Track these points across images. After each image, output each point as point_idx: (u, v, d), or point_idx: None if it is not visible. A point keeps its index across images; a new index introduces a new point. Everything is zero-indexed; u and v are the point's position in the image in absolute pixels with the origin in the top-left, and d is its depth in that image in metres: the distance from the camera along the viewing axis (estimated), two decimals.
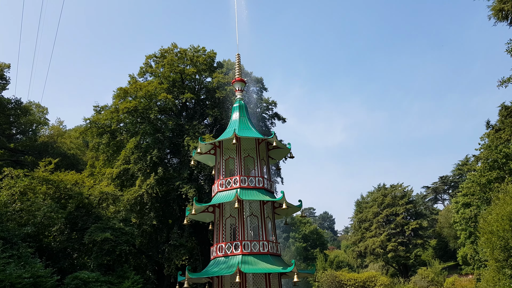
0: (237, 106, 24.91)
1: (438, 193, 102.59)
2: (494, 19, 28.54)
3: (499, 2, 28.03)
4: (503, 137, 44.03)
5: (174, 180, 41.01)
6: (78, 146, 64.83)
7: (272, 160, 26.11)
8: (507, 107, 46.41)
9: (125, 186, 43.92)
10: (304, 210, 28.65)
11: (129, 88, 44.08)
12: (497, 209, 26.76)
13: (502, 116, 47.02)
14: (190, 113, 49.07)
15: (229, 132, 23.29)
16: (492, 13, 28.37)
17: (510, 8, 27.59)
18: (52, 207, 32.68)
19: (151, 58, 49.30)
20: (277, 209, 23.38)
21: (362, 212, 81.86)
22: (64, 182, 36.46)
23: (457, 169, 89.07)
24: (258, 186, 22.03)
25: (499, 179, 37.58)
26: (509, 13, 27.93)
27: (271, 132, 31.50)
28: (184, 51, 47.70)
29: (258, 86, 52.29)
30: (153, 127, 43.38)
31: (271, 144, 23.10)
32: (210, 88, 47.69)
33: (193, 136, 41.07)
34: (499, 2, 28.03)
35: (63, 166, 47.53)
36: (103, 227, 34.15)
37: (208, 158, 25.28)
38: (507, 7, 27.59)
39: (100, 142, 45.84)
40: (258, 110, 50.22)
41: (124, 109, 42.11)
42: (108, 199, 40.03)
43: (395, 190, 78.48)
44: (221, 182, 22.51)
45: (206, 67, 48.02)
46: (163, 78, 47.14)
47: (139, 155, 41.78)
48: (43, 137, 59.89)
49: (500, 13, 28.07)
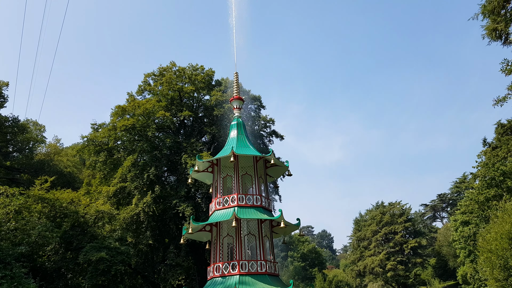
0: (235, 124, 24.92)
1: (437, 211, 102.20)
2: (488, 38, 28.85)
3: (492, 22, 28.40)
4: (500, 154, 44.15)
5: (171, 198, 40.70)
6: (75, 164, 64.56)
7: (270, 178, 26.01)
8: (503, 125, 46.70)
9: (121, 204, 43.55)
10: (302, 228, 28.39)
11: (127, 106, 44.15)
12: (495, 227, 26.62)
13: (498, 133, 47.29)
14: (188, 130, 49.08)
15: (227, 149, 23.23)
16: (486, 33, 28.70)
17: (503, 28, 27.95)
18: (47, 226, 32.26)
19: (150, 76, 49.56)
20: (275, 227, 23.16)
21: (361, 231, 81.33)
22: (59, 200, 36.11)
23: (455, 187, 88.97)
24: (256, 205, 21.86)
25: (497, 197, 37.49)
26: (502, 33, 28.28)
27: (269, 149, 31.49)
28: (182, 69, 48.01)
29: (256, 104, 52.50)
30: (151, 145, 43.29)
31: (269, 162, 23.04)
32: (208, 106, 47.83)
33: (191, 153, 40.97)
34: (492, 22, 28.40)
35: (59, 184, 47.21)
36: (99, 246, 33.69)
37: (206, 176, 25.15)
38: (500, 27, 27.95)
39: (97, 160, 45.63)
40: (256, 128, 50.29)
41: (121, 126, 42.08)
42: (104, 218, 39.64)
43: (393, 208, 78.19)
44: (218, 200, 22.34)
45: (204, 85, 48.26)
46: (162, 96, 47.29)
47: (136, 173, 41.56)
48: (39, 155, 59.67)
49: (494, 32, 28.41)
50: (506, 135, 46.50)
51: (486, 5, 28.03)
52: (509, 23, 27.41)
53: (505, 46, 28.44)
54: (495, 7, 27.36)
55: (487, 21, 28.71)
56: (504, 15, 27.64)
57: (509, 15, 27.48)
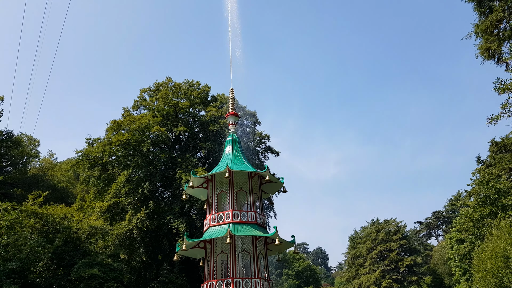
0: (230, 140, 24.88)
1: (432, 228, 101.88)
2: (482, 57, 29.19)
3: (485, 42, 28.78)
4: (494, 172, 44.29)
5: (165, 214, 40.39)
6: (69, 179, 64.11)
7: (265, 194, 25.86)
8: (497, 142, 46.98)
9: (115, 220, 43.14)
10: (297, 245, 28.22)
11: (122, 121, 44.12)
12: (490, 245, 26.55)
13: (492, 151, 47.51)
14: (183, 146, 49.00)
15: (222, 165, 23.14)
16: (480, 52, 29.05)
17: (496, 47, 28.34)
18: (39, 242, 31.85)
19: (146, 91, 49.68)
20: (269, 244, 22.94)
21: (356, 248, 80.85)
22: (52, 215, 35.75)
23: (450, 204, 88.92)
24: (251, 221, 21.69)
25: (491, 214, 37.50)
26: (495, 52, 28.64)
27: (264, 165, 31.41)
28: (178, 85, 48.19)
29: (251, 120, 52.66)
30: (145, 160, 43.12)
31: (264, 178, 22.92)
32: (203, 122, 47.89)
33: (186, 169, 40.83)
34: (485, 42, 28.78)
35: (52, 199, 46.78)
36: (91, 262, 33.24)
37: (200, 192, 24.98)
38: (493, 46, 28.33)
39: (91, 175, 45.34)
40: (251, 144, 50.34)
41: (116, 141, 41.96)
42: (97, 234, 39.18)
43: (388, 225, 77.95)
44: (213, 216, 22.15)
45: (200, 101, 48.39)
46: (157, 111, 47.33)
47: (130, 188, 41.29)
48: (33, 170, 59.24)
49: (487, 52, 28.77)
50: (500, 153, 46.73)
51: (479, 24, 28.46)
52: (502, 43, 27.80)
53: (498, 65, 28.78)
54: (488, 27, 27.78)
55: (480, 40, 29.10)
56: (497, 34, 28.05)
57: (501, 35, 27.89)
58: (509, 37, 26.78)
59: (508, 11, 26.66)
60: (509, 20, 26.87)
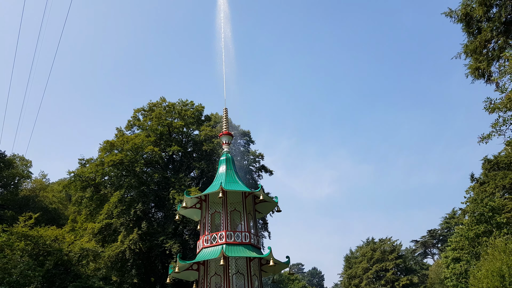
0: (224, 159, 24.80)
1: (427, 247, 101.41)
2: (472, 77, 29.57)
3: (475, 61, 29.19)
4: (488, 190, 44.44)
5: (158, 235, 39.88)
6: (61, 200, 63.41)
7: (259, 214, 25.65)
8: (489, 160, 47.28)
9: (107, 241, 42.50)
10: (292, 266, 27.90)
11: (115, 141, 43.95)
12: (486, 264, 26.41)
13: (485, 169, 47.79)
14: (176, 165, 48.79)
15: (215, 185, 22.99)
16: (469, 71, 29.42)
17: (485, 67, 28.75)
18: (30, 265, 31.26)
19: (140, 111, 49.68)
20: (264, 266, 22.63)
21: (352, 268, 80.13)
22: (43, 237, 35.19)
23: (445, 222, 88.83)
24: (245, 242, 21.43)
25: (487, 232, 37.46)
26: (485, 71, 29.04)
27: (258, 185, 31.30)
28: (172, 105, 48.28)
29: (245, 139, 52.72)
30: (138, 180, 42.81)
31: (258, 197, 22.77)
32: (197, 141, 47.84)
33: (179, 189, 40.53)
34: (475, 61, 29.19)
35: (43, 221, 46.15)
36: (82, 286, 32.58)
37: (194, 213, 24.74)
38: (482, 66, 28.73)
39: (83, 196, 44.87)
40: (245, 163, 50.23)
41: (109, 162, 41.70)
42: (88, 256, 38.52)
43: (384, 244, 77.53)
44: (206, 237, 21.88)
45: (194, 120, 48.45)
46: (151, 131, 47.25)
47: (123, 209, 40.82)
48: (25, 191, 58.59)
49: (477, 71, 29.15)
50: (493, 170, 47.00)
51: (468, 44, 28.90)
52: (491, 62, 28.20)
53: (488, 84, 29.14)
54: (477, 47, 28.22)
55: (469, 60, 29.52)
56: (486, 54, 28.48)
57: (490, 54, 28.33)
58: (497, 56, 27.19)
59: (496, 31, 27.16)
60: (498, 40, 27.35)
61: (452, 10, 28.29)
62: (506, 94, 19.09)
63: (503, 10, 25.90)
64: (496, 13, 26.56)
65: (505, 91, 19.31)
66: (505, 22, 26.66)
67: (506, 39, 26.75)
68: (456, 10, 28.12)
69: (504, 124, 19.95)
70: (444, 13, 28.59)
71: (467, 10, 27.34)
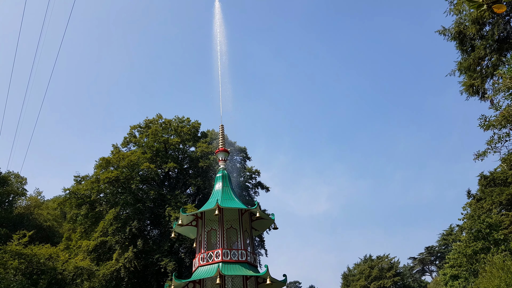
0: (220, 176, 24.72)
1: (425, 264, 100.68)
2: (466, 94, 29.81)
3: (469, 78, 29.46)
4: (484, 206, 44.40)
5: (154, 253, 39.43)
6: (55, 217, 62.76)
7: (255, 231, 25.47)
8: (486, 176, 47.36)
9: (101, 260, 41.95)
10: (289, 284, 27.57)
11: (111, 158, 43.79)
12: (484, 282, 26.24)
13: (482, 185, 47.83)
14: (172, 182, 48.54)
15: (211, 202, 22.84)
16: (464, 89, 29.69)
17: (480, 84, 29.01)
18: (23, 284, 30.81)
19: (136, 128, 49.62)
20: (261, 284, 22.34)
21: (349, 286, 79.28)
22: (37, 256, 34.75)
23: (443, 239, 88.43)
24: (241, 260, 21.21)
25: (484, 249, 37.28)
26: (479, 89, 29.30)
27: (254, 202, 31.15)
28: (168, 121, 48.30)
29: (241, 155, 52.64)
30: (134, 197, 42.52)
31: (254, 214, 22.64)
32: (193, 158, 47.71)
33: (175, 206, 40.24)
34: (469, 78, 29.46)
35: (38, 238, 45.59)
36: None
37: (190, 230, 24.52)
38: (476, 83, 29.01)
39: (78, 213, 44.48)
40: (241, 179, 50.04)
41: (105, 179, 41.45)
42: (83, 275, 37.96)
43: (381, 261, 76.92)
44: (202, 255, 21.64)
45: (190, 137, 48.41)
46: (147, 147, 47.13)
47: (118, 226, 40.43)
48: (19, 208, 58.02)
49: (471, 88, 29.41)
50: (489, 186, 47.05)
51: (462, 62, 29.22)
52: (485, 79, 28.47)
53: (483, 101, 29.36)
54: (471, 64, 28.52)
55: (463, 77, 29.79)
56: (480, 71, 28.78)
57: (484, 72, 28.61)
58: (491, 74, 27.47)
59: (490, 49, 27.50)
60: (491, 57, 27.67)
61: (446, 28, 28.67)
62: (501, 112, 19.20)
63: (496, 28, 26.27)
64: (489, 31, 26.94)
65: (499, 109, 19.41)
66: (498, 39, 27.02)
67: (499, 56, 27.06)
68: (449, 28, 28.50)
69: (500, 141, 20.01)
70: (438, 31, 28.96)
71: (460, 28, 27.71)
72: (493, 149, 20.39)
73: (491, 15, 24.80)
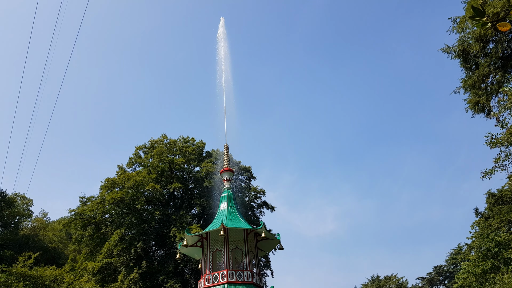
0: (225, 196, 24.60)
1: (434, 284, 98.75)
2: (471, 111, 29.76)
3: (474, 96, 29.44)
4: (493, 224, 43.74)
5: (159, 274, 39.04)
6: (61, 238, 62.58)
7: (261, 252, 25.18)
8: (493, 194, 46.80)
9: (106, 281, 41.54)
10: None
11: (117, 179, 43.83)
12: None
13: (490, 203, 47.21)
14: (177, 202, 48.39)
15: (216, 223, 22.68)
16: (469, 106, 29.65)
17: (485, 101, 28.97)
18: None
19: (141, 148, 49.82)
20: None
21: None
22: (42, 278, 34.59)
23: (451, 258, 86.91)
24: (247, 281, 20.92)
25: (494, 268, 36.55)
26: (485, 106, 29.24)
27: (259, 221, 30.91)
28: (173, 141, 48.46)
29: (246, 175, 52.47)
30: (139, 218, 42.36)
31: (260, 235, 22.43)
32: (198, 177, 47.65)
33: (180, 226, 40.01)
34: (474, 96, 29.44)
35: (43, 260, 45.40)
36: None
37: (195, 251, 24.31)
38: (482, 100, 28.97)
39: (83, 235, 44.28)
40: (246, 199, 49.78)
41: (110, 199, 41.43)
42: None
43: (389, 282, 75.58)
44: (207, 276, 21.38)
45: (195, 157, 48.45)
46: (152, 168, 47.19)
47: (123, 247, 40.18)
48: (25, 230, 57.96)
49: (476, 106, 29.37)
50: (497, 204, 46.42)
51: (467, 79, 29.27)
52: (490, 97, 28.43)
53: (488, 118, 29.26)
54: (475, 82, 28.55)
55: (468, 94, 29.78)
56: (485, 88, 28.76)
57: (489, 89, 28.59)
58: (496, 91, 27.46)
59: (494, 66, 27.55)
60: (495, 75, 27.69)
61: (449, 47, 28.83)
62: (507, 129, 19.12)
63: (499, 45, 26.39)
64: (493, 48, 27.05)
65: (505, 126, 19.34)
66: (502, 57, 27.10)
67: (504, 73, 27.07)
68: (453, 46, 28.65)
69: (507, 159, 19.86)
70: (441, 49, 29.12)
71: (464, 46, 27.86)
72: (500, 166, 20.22)
73: (494, 33, 24.96)
